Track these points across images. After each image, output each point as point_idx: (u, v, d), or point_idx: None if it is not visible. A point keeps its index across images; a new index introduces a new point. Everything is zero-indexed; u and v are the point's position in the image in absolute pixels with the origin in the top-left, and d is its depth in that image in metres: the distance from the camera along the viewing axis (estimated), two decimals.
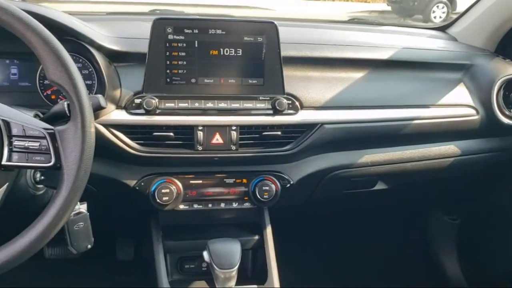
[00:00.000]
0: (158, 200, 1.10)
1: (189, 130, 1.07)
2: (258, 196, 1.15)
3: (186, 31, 1.05)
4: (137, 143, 1.07)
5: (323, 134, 1.14)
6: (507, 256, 1.52)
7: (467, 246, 1.70)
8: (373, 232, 1.81)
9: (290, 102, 1.11)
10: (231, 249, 1.10)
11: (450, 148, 1.30)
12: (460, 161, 1.31)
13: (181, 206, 1.15)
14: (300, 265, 1.64)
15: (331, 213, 1.61)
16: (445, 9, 9.57)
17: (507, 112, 1.29)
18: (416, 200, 1.66)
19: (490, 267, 1.58)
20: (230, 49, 1.07)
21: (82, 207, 0.94)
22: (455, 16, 1.59)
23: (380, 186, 1.33)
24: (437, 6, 9.73)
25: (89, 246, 0.95)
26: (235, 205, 1.18)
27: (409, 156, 1.27)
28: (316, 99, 1.15)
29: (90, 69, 1.07)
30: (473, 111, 1.29)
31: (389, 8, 10.90)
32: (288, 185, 1.18)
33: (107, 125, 1.03)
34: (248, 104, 1.09)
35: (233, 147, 1.09)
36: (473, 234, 1.68)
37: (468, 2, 1.51)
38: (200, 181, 1.15)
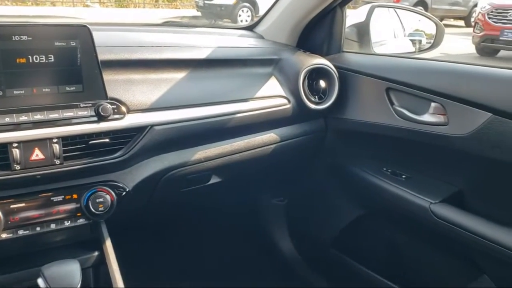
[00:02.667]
0: None
1: (2, 148, 0.95)
2: (93, 210, 1.08)
3: None
4: None
5: (154, 136, 1.14)
6: (328, 226, 1.73)
7: (295, 222, 1.88)
8: (217, 226, 1.87)
9: (114, 106, 1.07)
10: (70, 270, 1.01)
11: (270, 136, 1.42)
12: (280, 146, 1.44)
13: (4, 235, 1.01)
14: (150, 273, 1.60)
15: (173, 214, 1.61)
16: (249, 13, 10.37)
17: (312, 99, 1.45)
18: (248, 188, 1.77)
19: (317, 237, 1.77)
20: (40, 56, 0.98)
21: None
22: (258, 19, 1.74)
23: (214, 180, 1.38)
24: (242, 10, 10.50)
25: None
26: (67, 223, 1.09)
27: (237, 148, 1.35)
28: (142, 102, 1.14)
29: None
30: (285, 101, 1.42)
31: (199, 14, 11.30)
32: (124, 193, 1.14)
33: None
34: (69, 113, 1.02)
35: (57, 161, 1.01)
36: (299, 210, 1.86)
37: (269, 5, 1.65)
38: (23, 204, 1.03)
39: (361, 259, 1.63)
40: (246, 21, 9.91)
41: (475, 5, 10.32)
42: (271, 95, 1.41)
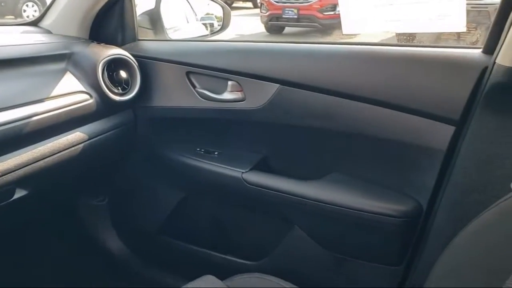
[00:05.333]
0: None
1: None
2: None
3: None
4: None
5: None
6: (154, 215, 1.73)
7: (121, 219, 1.83)
8: (37, 241, 1.70)
9: None
10: None
11: (76, 135, 1.34)
12: (89, 145, 1.37)
13: None
14: None
15: None
16: (36, 7, 9.44)
17: (115, 91, 1.42)
18: (63, 194, 1.65)
19: (145, 229, 1.76)
20: None
21: None
22: None
23: (20, 193, 1.24)
24: (27, 5, 9.50)
25: None
26: None
27: (40, 154, 1.23)
28: None
29: None
30: (87, 96, 1.36)
31: None
32: None
33: None
34: None
35: None
36: (123, 207, 1.82)
37: None
38: None
39: (191, 239, 1.68)
40: (34, 16, 9.01)
41: None
42: (69, 91, 1.32)
